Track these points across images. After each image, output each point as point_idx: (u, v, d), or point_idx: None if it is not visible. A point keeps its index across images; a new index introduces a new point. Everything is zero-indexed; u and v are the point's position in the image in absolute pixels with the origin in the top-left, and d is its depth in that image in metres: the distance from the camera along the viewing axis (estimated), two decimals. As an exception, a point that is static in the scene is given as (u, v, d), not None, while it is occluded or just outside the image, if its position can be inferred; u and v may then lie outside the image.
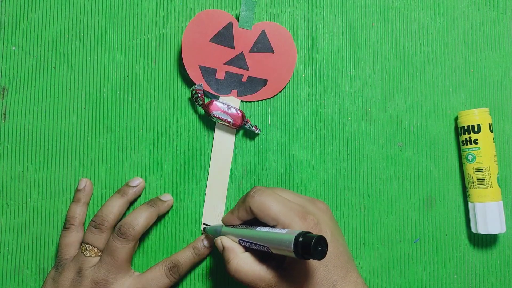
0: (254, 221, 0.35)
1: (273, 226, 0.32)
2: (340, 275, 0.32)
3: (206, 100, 0.42)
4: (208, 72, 0.41)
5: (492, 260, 0.43)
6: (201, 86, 0.40)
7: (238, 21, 0.41)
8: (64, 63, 0.43)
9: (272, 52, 0.42)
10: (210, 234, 0.39)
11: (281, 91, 0.43)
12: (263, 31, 0.41)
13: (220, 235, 0.37)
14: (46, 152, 0.42)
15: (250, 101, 0.43)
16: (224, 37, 0.41)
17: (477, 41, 0.45)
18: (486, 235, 0.43)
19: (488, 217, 0.40)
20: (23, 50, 0.43)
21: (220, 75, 0.41)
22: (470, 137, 0.41)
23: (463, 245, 0.43)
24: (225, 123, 0.41)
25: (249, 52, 0.41)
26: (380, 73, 0.44)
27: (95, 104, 0.43)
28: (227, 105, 0.41)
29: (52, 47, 0.43)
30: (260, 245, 0.31)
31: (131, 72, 0.43)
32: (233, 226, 0.36)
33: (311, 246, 0.27)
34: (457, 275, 0.43)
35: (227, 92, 0.42)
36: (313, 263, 0.32)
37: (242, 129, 0.43)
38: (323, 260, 0.32)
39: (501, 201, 0.41)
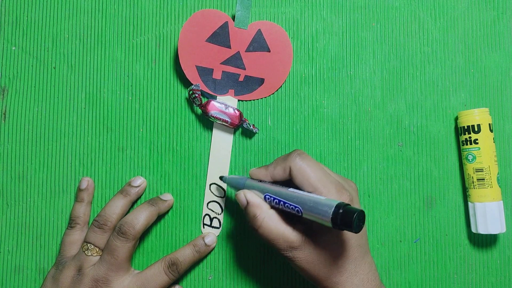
0: (284, 184, 0.35)
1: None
2: (360, 254, 0.33)
3: (204, 100, 0.42)
4: (204, 72, 0.41)
5: (492, 260, 0.43)
6: (198, 86, 0.40)
7: (234, 20, 0.41)
8: (64, 63, 0.43)
9: (269, 51, 0.42)
10: (228, 184, 0.39)
11: (281, 90, 0.43)
12: (259, 30, 0.42)
13: (243, 188, 0.36)
14: (46, 152, 0.42)
15: (247, 100, 0.43)
16: (220, 36, 0.41)
17: (477, 41, 0.45)
18: (486, 235, 0.43)
19: (488, 217, 0.40)
20: (23, 50, 0.43)
21: (217, 75, 0.42)
22: (470, 137, 0.41)
23: (463, 245, 0.43)
24: (223, 123, 0.41)
25: (246, 51, 0.42)
26: (380, 73, 0.44)
27: (95, 104, 0.43)
28: (224, 104, 0.41)
29: (52, 47, 0.43)
30: (292, 205, 0.31)
31: (131, 72, 0.43)
32: (260, 181, 0.36)
33: (354, 218, 0.27)
34: (457, 275, 0.43)
35: (224, 92, 0.42)
36: (341, 237, 0.32)
37: (240, 128, 0.43)
38: (349, 237, 0.32)
39: (501, 201, 0.41)
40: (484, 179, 0.41)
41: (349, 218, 0.27)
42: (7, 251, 0.41)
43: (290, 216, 0.33)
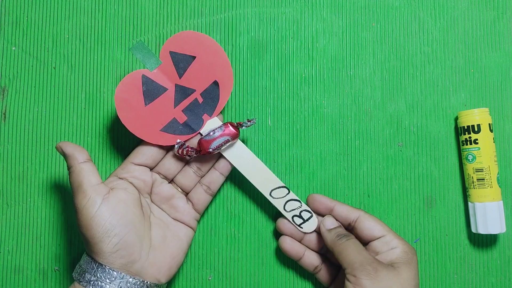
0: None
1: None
2: None
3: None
4: (172, 127, 0.38)
5: (492, 260, 0.43)
6: (181, 142, 0.38)
7: (146, 67, 0.38)
8: (64, 63, 0.43)
9: (194, 57, 0.38)
10: None
11: (281, 90, 0.43)
12: (170, 52, 0.38)
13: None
14: (46, 152, 0.42)
15: (223, 108, 0.40)
16: (151, 90, 0.38)
17: (477, 41, 0.45)
18: (486, 235, 0.43)
19: (488, 217, 0.40)
20: (23, 50, 0.43)
21: (182, 118, 0.39)
22: (470, 137, 0.41)
23: (463, 245, 0.43)
24: (227, 144, 0.38)
25: (180, 78, 0.38)
26: (380, 73, 0.44)
27: (95, 104, 0.43)
28: (212, 131, 0.38)
29: (52, 47, 0.43)
30: None
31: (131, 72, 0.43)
32: None
33: None
34: (457, 275, 0.43)
35: (200, 123, 0.39)
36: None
37: (241, 131, 0.43)
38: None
39: (501, 201, 0.41)
40: (484, 179, 0.41)
41: None
42: (7, 251, 0.41)
43: None
